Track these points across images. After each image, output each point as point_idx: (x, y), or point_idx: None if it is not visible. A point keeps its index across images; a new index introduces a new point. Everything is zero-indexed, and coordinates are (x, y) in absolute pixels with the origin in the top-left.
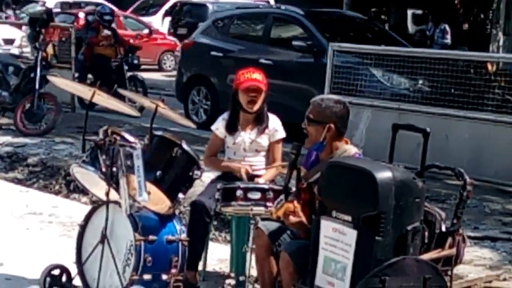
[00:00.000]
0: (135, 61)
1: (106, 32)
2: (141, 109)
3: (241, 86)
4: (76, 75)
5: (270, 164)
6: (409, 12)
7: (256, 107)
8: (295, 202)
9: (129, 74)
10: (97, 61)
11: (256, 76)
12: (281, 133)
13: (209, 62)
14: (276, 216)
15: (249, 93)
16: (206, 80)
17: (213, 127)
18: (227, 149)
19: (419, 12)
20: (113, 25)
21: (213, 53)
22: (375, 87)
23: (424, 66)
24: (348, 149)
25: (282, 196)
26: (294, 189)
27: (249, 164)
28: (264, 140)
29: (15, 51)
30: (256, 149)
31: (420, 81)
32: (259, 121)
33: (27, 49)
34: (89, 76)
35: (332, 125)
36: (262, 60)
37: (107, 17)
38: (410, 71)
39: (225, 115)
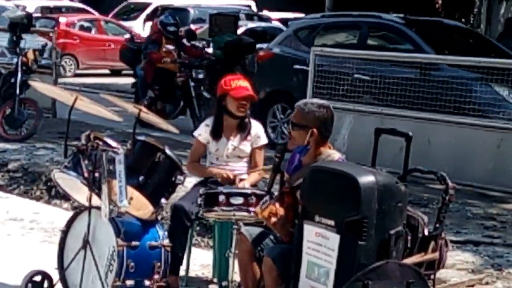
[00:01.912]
0: (200, 76)
1: (169, 47)
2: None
3: (233, 93)
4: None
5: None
6: None
7: (244, 113)
8: (277, 205)
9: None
10: (160, 76)
11: (246, 84)
12: (263, 140)
13: (292, 76)
14: (261, 216)
15: (241, 100)
16: (288, 96)
17: (195, 133)
18: (209, 155)
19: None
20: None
21: (296, 66)
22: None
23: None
24: (332, 154)
25: (267, 197)
26: (276, 193)
27: (231, 170)
28: (246, 147)
29: None
30: (238, 155)
31: None
32: (242, 128)
33: None
34: (149, 93)
35: (315, 130)
36: (359, 75)
37: (171, 29)
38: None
39: (208, 121)
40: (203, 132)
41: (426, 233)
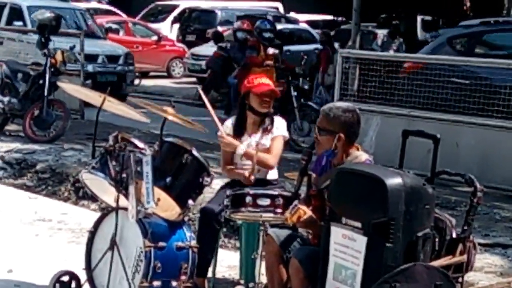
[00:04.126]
0: (306, 86)
1: (273, 50)
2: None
3: (255, 89)
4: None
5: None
6: (419, 18)
7: (268, 109)
8: (305, 208)
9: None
10: None
11: (269, 81)
12: (281, 131)
13: (450, 89)
14: (290, 222)
15: (263, 97)
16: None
17: (219, 133)
18: (234, 155)
19: (429, 18)
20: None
21: (455, 79)
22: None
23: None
24: (359, 155)
25: (296, 202)
26: (303, 195)
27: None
28: (267, 141)
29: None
30: (261, 151)
31: None
32: (266, 124)
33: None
34: None
35: (342, 135)
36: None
37: (266, 35)
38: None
39: (230, 121)
40: (228, 131)
41: (454, 235)
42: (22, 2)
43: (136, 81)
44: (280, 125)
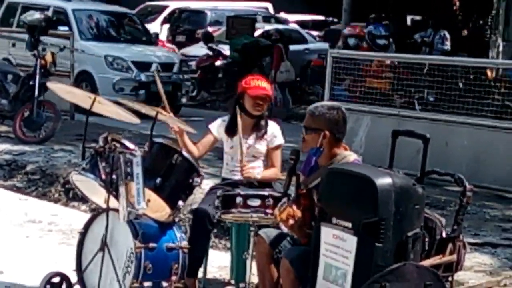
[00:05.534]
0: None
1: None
2: None
3: (250, 91)
4: None
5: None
6: (408, 18)
7: (260, 112)
8: (294, 207)
9: None
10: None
11: (265, 85)
12: (280, 140)
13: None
14: (279, 218)
15: (257, 100)
16: None
17: (210, 126)
18: (225, 155)
19: (418, 18)
20: None
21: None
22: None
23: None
24: (347, 156)
25: (285, 199)
26: (293, 195)
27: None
28: (262, 146)
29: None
30: (253, 155)
31: None
32: (258, 127)
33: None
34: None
35: (327, 132)
36: None
37: (380, 42)
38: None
39: (225, 118)
40: (217, 126)
41: (444, 235)
42: (67, 5)
43: None
44: (277, 133)
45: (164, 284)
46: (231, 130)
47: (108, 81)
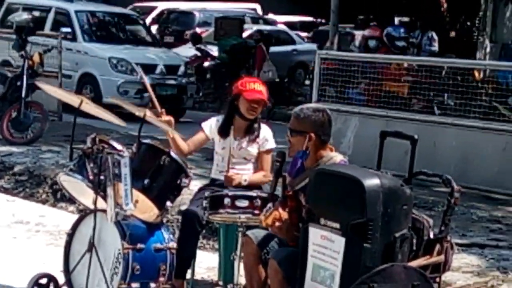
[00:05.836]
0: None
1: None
2: None
3: (246, 94)
4: None
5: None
6: (396, 20)
7: (255, 116)
8: (280, 209)
9: None
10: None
11: (262, 89)
12: (271, 144)
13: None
14: (265, 224)
15: (252, 103)
16: None
17: (203, 124)
18: (216, 155)
19: (406, 19)
20: None
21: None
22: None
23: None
24: (334, 157)
25: (270, 204)
26: (280, 196)
27: (237, 172)
28: (253, 149)
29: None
30: (244, 157)
31: None
32: (251, 130)
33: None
34: None
35: (313, 134)
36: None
37: (399, 44)
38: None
39: (219, 118)
40: (210, 126)
41: (431, 236)
42: (69, 6)
43: None
44: (269, 137)
45: (152, 285)
46: (224, 131)
47: (112, 84)
